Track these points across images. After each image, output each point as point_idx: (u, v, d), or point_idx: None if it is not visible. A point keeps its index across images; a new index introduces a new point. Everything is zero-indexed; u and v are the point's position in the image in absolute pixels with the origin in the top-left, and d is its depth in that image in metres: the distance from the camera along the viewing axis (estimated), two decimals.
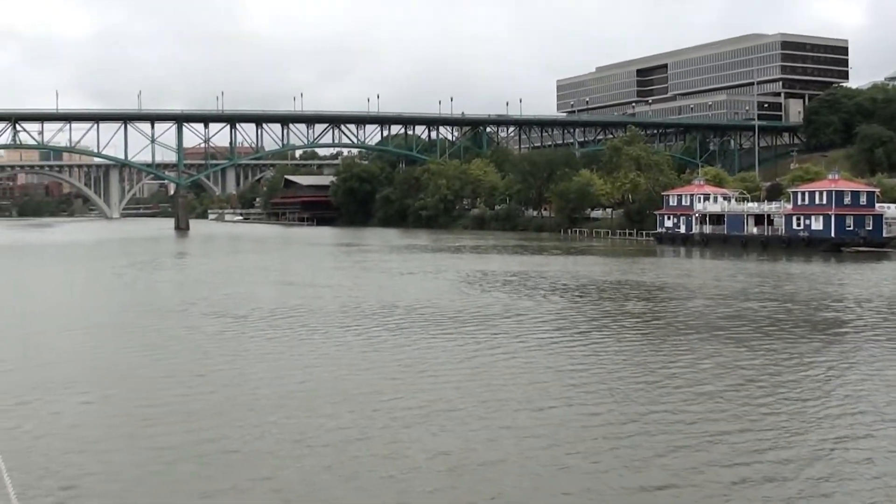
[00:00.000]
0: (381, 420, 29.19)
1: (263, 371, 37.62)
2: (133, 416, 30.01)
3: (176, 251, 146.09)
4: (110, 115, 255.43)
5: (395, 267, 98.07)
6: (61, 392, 33.80)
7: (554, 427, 28.26)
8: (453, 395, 32.76)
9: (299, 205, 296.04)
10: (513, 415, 29.87)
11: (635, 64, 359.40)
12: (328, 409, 30.86)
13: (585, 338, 46.53)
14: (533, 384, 34.70)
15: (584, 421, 29.06)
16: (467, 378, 35.79)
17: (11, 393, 32.75)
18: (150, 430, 28.15)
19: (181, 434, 27.72)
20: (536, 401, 31.84)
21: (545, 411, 30.38)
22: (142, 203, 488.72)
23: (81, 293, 76.21)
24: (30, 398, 32.33)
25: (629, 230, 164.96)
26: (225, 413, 30.31)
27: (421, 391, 33.43)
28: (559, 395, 32.81)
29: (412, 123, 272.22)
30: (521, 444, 26.46)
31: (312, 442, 26.85)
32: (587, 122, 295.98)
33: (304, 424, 28.78)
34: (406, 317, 55.17)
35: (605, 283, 78.04)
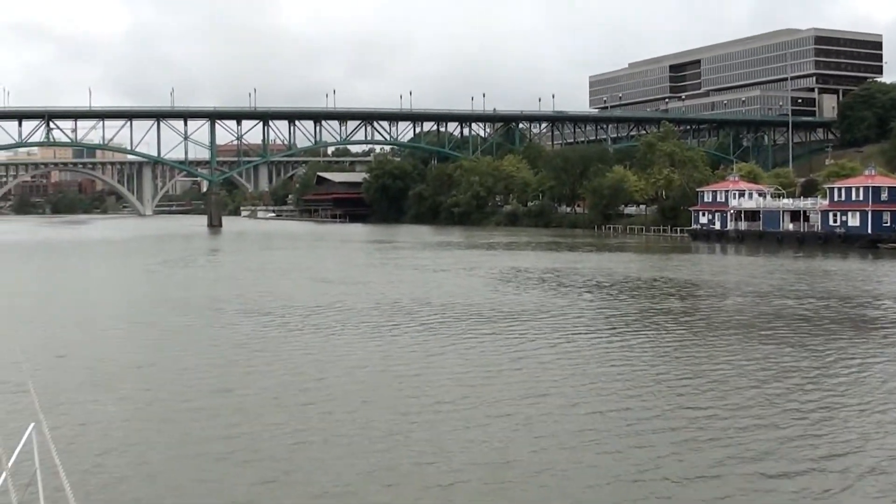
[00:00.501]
0: (423, 421, 28.80)
1: (302, 370, 37.30)
2: (171, 418, 29.78)
3: (209, 248, 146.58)
4: (143, 113, 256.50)
5: (428, 264, 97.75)
6: (99, 391, 33.66)
7: (602, 429, 27.68)
8: (495, 395, 32.25)
9: (332, 202, 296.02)
10: (557, 416, 29.33)
11: (668, 60, 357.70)
12: (369, 408, 30.50)
13: (624, 336, 46.05)
14: (575, 384, 34.20)
15: (630, 423, 28.46)
16: (507, 377, 35.35)
17: (51, 391, 32.61)
18: (190, 433, 27.89)
19: (220, 436, 27.49)
20: (580, 401, 31.36)
21: (589, 412, 29.86)
22: (174, 200, 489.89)
23: (117, 291, 76.27)
24: (67, 397, 32.15)
25: (663, 227, 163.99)
26: (264, 414, 29.99)
27: (462, 391, 33.03)
28: (603, 395, 32.28)
29: (444, 120, 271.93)
30: (567, 446, 25.97)
31: (354, 443, 26.46)
32: (620, 119, 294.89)
33: (345, 425, 28.41)
34: (442, 315, 54.82)
35: (641, 280, 77.53)
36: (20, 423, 9.16)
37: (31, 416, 10.55)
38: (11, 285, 79.73)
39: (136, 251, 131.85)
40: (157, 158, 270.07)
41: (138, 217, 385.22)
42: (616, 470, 23.97)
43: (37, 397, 9.12)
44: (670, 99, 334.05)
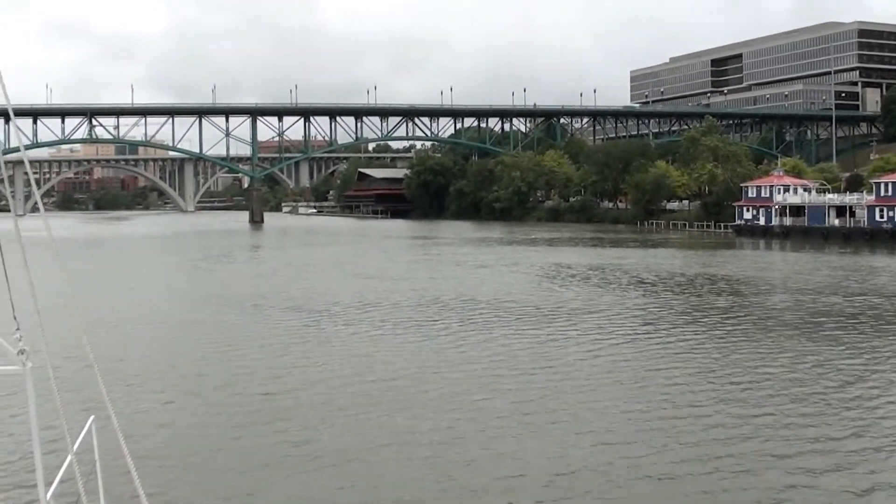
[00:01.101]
0: (473, 422, 28.45)
1: (348, 368, 37.19)
2: (218, 418, 29.70)
3: (251, 244, 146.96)
4: (185, 109, 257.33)
5: (470, 260, 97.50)
6: (150, 388, 33.59)
7: (653, 431, 27.25)
8: (544, 394, 31.98)
9: (373, 198, 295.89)
10: (607, 416, 28.99)
11: (709, 54, 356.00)
12: (419, 409, 30.26)
13: (671, 334, 45.60)
14: (623, 384, 33.83)
15: (683, 424, 28.04)
16: (555, 376, 35.01)
17: (96, 391, 32.45)
18: (237, 432, 27.76)
19: (269, 435, 27.36)
20: (630, 402, 30.97)
21: (639, 413, 29.50)
22: (216, 196, 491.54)
23: (162, 287, 76.39)
24: (121, 393, 31.98)
25: (706, 222, 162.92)
26: (312, 413, 29.78)
27: (511, 390, 32.67)
28: (652, 396, 31.83)
29: (485, 115, 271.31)
30: (618, 448, 25.56)
31: (404, 444, 26.24)
32: (662, 113, 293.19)
33: (395, 425, 28.20)
34: (486, 312, 54.58)
35: (686, 276, 76.91)
36: (80, 416, 9.17)
37: (92, 409, 10.94)
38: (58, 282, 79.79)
39: (180, 247, 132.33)
40: (198, 155, 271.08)
41: (180, 213, 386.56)
42: (676, 473, 23.64)
43: (103, 390, 9.93)
44: (712, 93, 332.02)
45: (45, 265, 9.06)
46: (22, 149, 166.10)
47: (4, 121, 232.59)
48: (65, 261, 8.41)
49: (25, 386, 8.52)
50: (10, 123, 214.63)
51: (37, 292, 8.52)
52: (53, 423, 20.59)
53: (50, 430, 12.73)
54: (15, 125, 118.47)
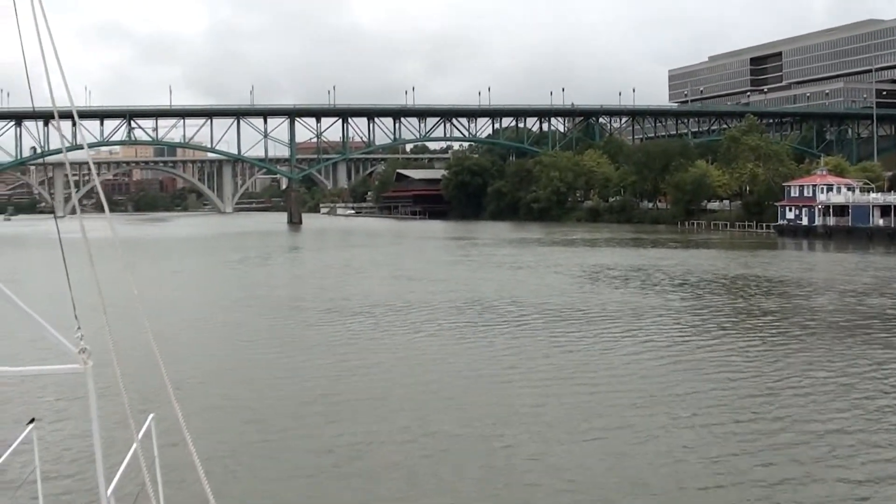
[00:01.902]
0: (524, 430, 27.69)
1: (394, 372, 36.77)
2: (265, 423, 29.18)
3: (290, 245, 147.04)
4: (223, 111, 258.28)
5: (510, 261, 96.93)
6: (192, 393, 33.14)
7: (709, 439, 26.53)
8: (593, 400, 31.30)
9: (411, 198, 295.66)
10: (659, 422, 28.25)
11: (748, 52, 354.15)
12: (466, 413, 29.65)
13: (718, 338, 44.84)
14: (673, 389, 33.05)
15: (740, 431, 27.30)
16: (604, 381, 34.29)
17: (141, 393, 32.04)
18: (290, 435, 27.37)
19: (319, 439, 27.01)
20: (681, 408, 30.26)
21: (692, 420, 28.83)
22: (254, 197, 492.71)
23: (202, 289, 76.20)
24: (159, 400, 31.51)
25: (748, 222, 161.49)
26: (362, 418, 29.26)
27: (559, 395, 32.02)
28: (704, 402, 31.04)
29: (523, 115, 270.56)
30: (675, 457, 24.88)
31: (453, 451, 25.73)
32: (701, 112, 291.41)
33: (443, 432, 27.64)
34: (530, 314, 53.95)
35: (729, 277, 75.99)
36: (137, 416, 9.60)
37: (150, 408, 11.01)
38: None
39: (219, 249, 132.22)
40: (237, 156, 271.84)
41: (219, 214, 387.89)
42: (734, 482, 22.94)
43: (170, 389, 9.88)
44: (751, 92, 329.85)
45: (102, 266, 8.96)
46: (64, 150, 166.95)
47: (44, 123, 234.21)
48: (107, 262, 8.51)
49: (86, 384, 8.68)
50: (49, 125, 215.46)
51: (95, 292, 8.73)
52: (114, 420, 20.85)
53: (110, 428, 12.77)
54: (57, 126, 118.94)
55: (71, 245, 8.81)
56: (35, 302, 8.93)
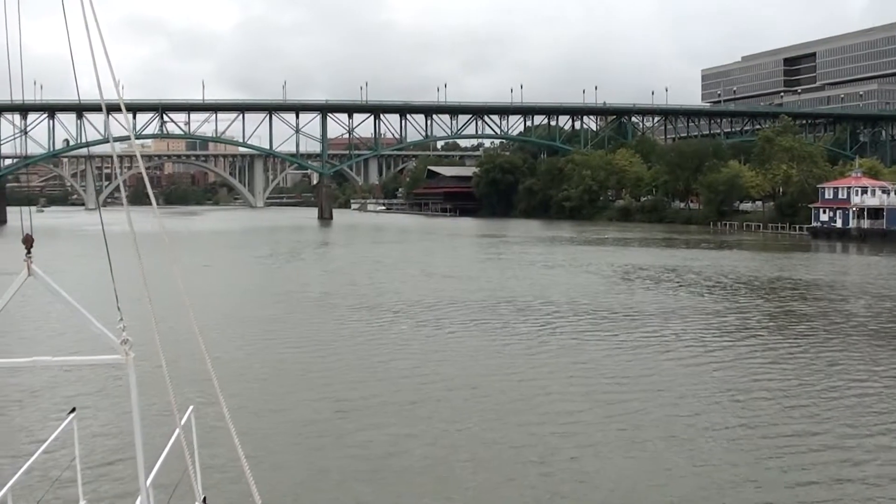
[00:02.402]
0: (561, 436, 27.11)
1: (428, 372, 36.38)
2: (301, 420, 28.88)
3: (321, 241, 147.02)
4: (255, 106, 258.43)
5: (541, 260, 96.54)
6: (235, 385, 32.89)
7: (749, 447, 25.96)
8: (628, 406, 30.65)
9: (442, 195, 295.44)
10: (697, 429, 27.73)
11: (782, 53, 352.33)
12: (502, 418, 29.15)
13: (753, 341, 44.23)
14: (710, 393, 32.46)
15: (781, 440, 26.77)
16: (638, 385, 33.66)
17: (179, 386, 31.84)
18: (316, 440, 26.93)
19: (352, 438, 26.71)
20: (719, 414, 29.76)
21: (728, 426, 28.29)
22: (285, 192, 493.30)
23: (232, 283, 76.09)
24: (199, 392, 31.33)
25: (781, 224, 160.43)
26: (392, 418, 28.95)
27: (593, 400, 31.50)
28: (742, 407, 30.43)
29: (555, 113, 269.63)
30: (718, 468, 24.43)
31: (489, 457, 25.25)
32: (735, 112, 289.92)
33: (480, 437, 27.17)
34: (562, 314, 53.48)
35: (762, 279, 75.29)
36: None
37: (189, 400, 11.20)
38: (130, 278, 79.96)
39: (250, 243, 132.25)
40: (268, 151, 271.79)
41: (250, 209, 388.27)
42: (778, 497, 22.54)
43: (215, 381, 10.42)
44: (784, 93, 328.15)
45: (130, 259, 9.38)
46: (133, 138, 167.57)
47: (77, 116, 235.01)
48: (144, 255, 8.69)
49: (128, 375, 9.00)
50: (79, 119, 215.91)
51: (135, 284, 8.85)
52: (154, 411, 21.70)
53: (150, 418, 13.69)
54: (105, 119, 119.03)
55: (100, 237, 8.86)
56: (72, 293, 9.14)
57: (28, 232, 8.97)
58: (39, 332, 45.64)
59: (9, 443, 25.73)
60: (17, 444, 25.49)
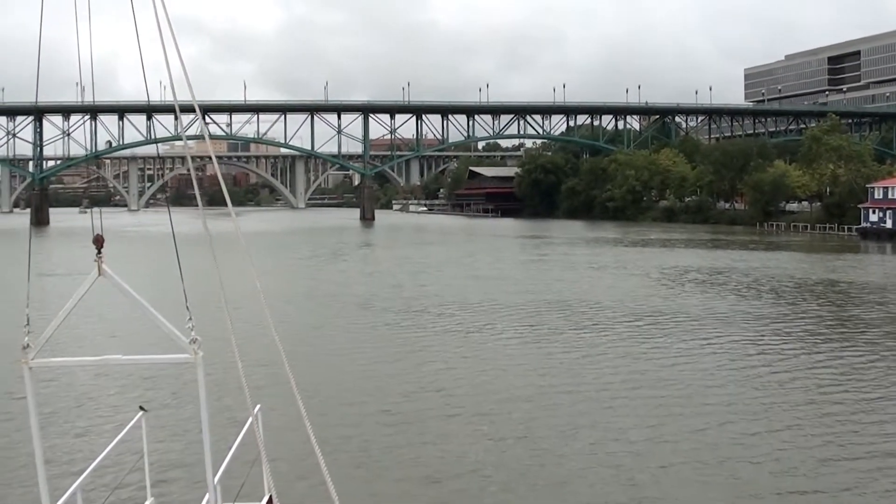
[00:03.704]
0: (635, 455, 25.93)
1: (478, 378, 35.60)
2: (357, 432, 28.09)
3: (363, 242, 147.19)
4: (297, 106, 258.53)
5: (585, 261, 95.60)
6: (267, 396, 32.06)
7: (815, 466, 25.13)
8: (678, 421, 29.48)
9: (483, 196, 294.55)
10: (751, 442, 26.73)
11: (825, 51, 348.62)
12: (554, 427, 28.26)
13: (810, 346, 43.03)
14: (763, 403, 31.35)
15: (840, 452, 25.86)
16: (685, 395, 32.59)
17: (226, 400, 31.05)
18: (374, 452, 26.18)
19: (406, 451, 25.99)
20: (774, 425, 28.68)
21: (788, 444, 27.19)
22: (326, 193, 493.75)
23: (278, 285, 75.46)
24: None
25: (828, 224, 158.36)
26: (445, 428, 28.22)
27: (639, 409, 30.57)
28: (802, 421, 29.29)
29: (598, 113, 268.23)
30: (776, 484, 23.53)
31: (545, 465, 24.42)
32: (779, 112, 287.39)
33: (533, 446, 26.31)
34: (609, 318, 52.53)
35: (812, 282, 73.77)
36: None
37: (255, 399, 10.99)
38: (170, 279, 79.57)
39: (293, 245, 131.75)
40: (310, 152, 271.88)
41: (291, 210, 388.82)
42: None
43: (292, 381, 10.77)
44: (829, 92, 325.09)
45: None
46: (185, 139, 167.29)
47: (118, 117, 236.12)
48: (196, 257, 8.66)
49: (196, 374, 9.21)
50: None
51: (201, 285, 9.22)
52: (220, 411, 22.88)
53: (216, 417, 14.49)
54: (177, 118, 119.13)
55: (147, 238, 8.45)
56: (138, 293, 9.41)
57: (98, 232, 9.43)
58: (109, 330, 46.14)
59: (78, 440, 26.56)
60: (87, 441, 26.22)
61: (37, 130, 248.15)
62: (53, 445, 24.90)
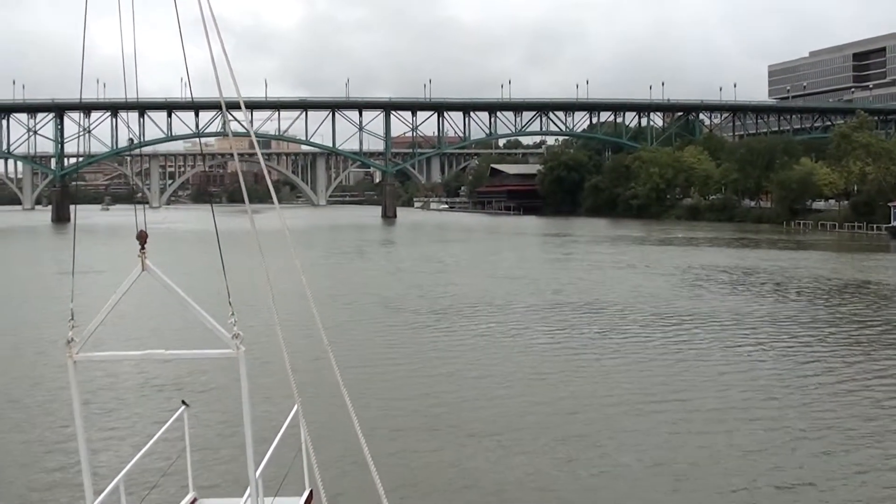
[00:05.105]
0: (644, 463, 24.51)
1: (511, 382, 34.09)
2: (393, 432, 27.12)
3: (386, 239, 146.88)
4: (318, 104, 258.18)
5: (609, 260, 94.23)
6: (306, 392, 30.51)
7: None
8: (713, 436, 27.81)
9: (505, 194, 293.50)
10: (783, 456, 25.19)
11: (851, 48, 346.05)
12: (585, 437, 26.62)
13: (846, 352, 41.27)
14: (800, 416, 29.74)
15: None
16: (719, 403, 30.95)
17: (267, 395, 29.55)
18: (417, 454, 25.39)
19: (448, 458, 24.94)
20: (807, 432, 27.06)
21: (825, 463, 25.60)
22: (347, 191, 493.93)
23: (298, 282, 74.04)
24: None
25: (857, 223, 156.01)
26: (485, 438, 26.67)
27: (668, 417, 28.91)
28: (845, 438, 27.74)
29: (622, 110, 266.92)
30: None
31: (577, 473, 23.08)
32: (805, 109, 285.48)
33: (565, 455, 24.92)
34: (639, 320, 50.72)
35: (842, 283, 71.82)
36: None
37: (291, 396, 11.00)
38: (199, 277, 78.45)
39: (315, 242, 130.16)
40: (331, 149, 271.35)
41: (312, 207, 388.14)
42: None
43: (338, 377, 10.54)
44: (855, 88, 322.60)
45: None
46: (252, 133, 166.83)
47: (139, 114, 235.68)
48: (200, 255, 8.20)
49: (239, 369, 9.34)
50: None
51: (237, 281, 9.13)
52: (262, 406, 23.21)
53: (258, 412, 13.95)
54: (224, 112, 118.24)
55: (172, 235, 7.52)
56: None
57: (142, 228, 9.54)
58: (151, 325, 46.92)
59: (122, 434, 26.97)
60: (130, 435, 26.68)
61: (57, 127, 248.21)
62: (97, 439, 25.29)
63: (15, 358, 39.77)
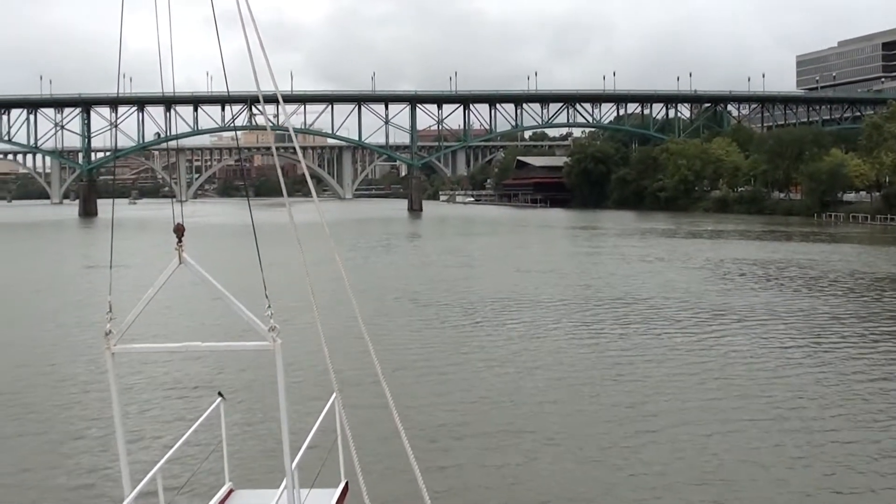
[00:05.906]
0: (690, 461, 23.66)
1: (542, 383, 32.93)
2: (428, 432, 26.22)
3: (412, 233, 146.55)
4: (344, 97, 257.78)
5: (637, 253, 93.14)
6: (342, 384, 29.76)
7: None
8: (744, 440, 27.00)
9: (531, 186, 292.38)
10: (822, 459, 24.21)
11: (880, 37, 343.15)
12: (615, 442, 25.68)
13: (877, 349, 40.21)
14: (838, 416, 28.78)
15: None
16: (749, 405, 29.92)
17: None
18: (452, 440, 25.71)
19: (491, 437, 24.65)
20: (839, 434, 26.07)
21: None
22: (373, 184, 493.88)
23: (331, 275, 73.36)
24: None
25: (889, 215, 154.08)
26: (516, 435, 25.84)
27: (699, 416, 27.95)
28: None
29: (649, 101, 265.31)
30: None
31: (608, 482, 22.09)
32: (834, 99, 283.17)
33: (591, 456, 24.12)
34: (669, 315, 49.65)
35: (879, 277, 70.65)
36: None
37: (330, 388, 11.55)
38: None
39: (343, 235, 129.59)
40: (357, 142, 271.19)
41: (339, 201, 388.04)
42: None
43: (378, 369, 10.99)
44: (885, 79, 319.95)
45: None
46: (292, 131, 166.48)
47: (165, 108, 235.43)
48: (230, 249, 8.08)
49: (275, 361, 9.49)
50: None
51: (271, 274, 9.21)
52: (298, 398, 23.45)
53: (293, 404, 14.11)
54: (262, 109, 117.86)
55: (201, 228, 7.18)
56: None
57: (179, 221, 9.63)
58: (188, 318, 47.46)
59: (158, 426, 27.15)
60: (166, 427, 26.82)
61: (84, 122, 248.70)
62: (134, 430, 25.40)
63: (53, 351, 39.90)
